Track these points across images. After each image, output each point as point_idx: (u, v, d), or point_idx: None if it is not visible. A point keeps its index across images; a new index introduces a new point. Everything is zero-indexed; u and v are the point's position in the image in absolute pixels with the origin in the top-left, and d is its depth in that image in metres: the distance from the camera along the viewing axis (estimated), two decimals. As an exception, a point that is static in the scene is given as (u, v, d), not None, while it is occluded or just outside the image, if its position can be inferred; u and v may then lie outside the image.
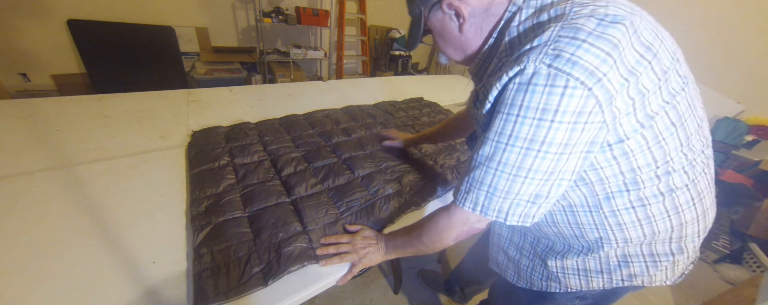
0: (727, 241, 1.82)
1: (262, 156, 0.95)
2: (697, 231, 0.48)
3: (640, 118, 0.38)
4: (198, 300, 0.51)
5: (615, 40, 0.35)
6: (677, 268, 0.51)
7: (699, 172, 0.45)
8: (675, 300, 1.58)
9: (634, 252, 0.49)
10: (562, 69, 0.35)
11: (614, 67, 0.35)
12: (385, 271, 1.51)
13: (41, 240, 0.60)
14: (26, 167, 0.79)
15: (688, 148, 0.43)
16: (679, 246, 0.48)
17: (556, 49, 0.36)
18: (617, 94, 0.36)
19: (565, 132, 0.37)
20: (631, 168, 0.42)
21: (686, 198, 0.45)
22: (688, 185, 0.44)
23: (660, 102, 0.39)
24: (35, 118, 1.01)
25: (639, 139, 0.39)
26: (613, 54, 0.35)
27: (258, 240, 0.64)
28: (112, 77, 2.51)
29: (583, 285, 0.54)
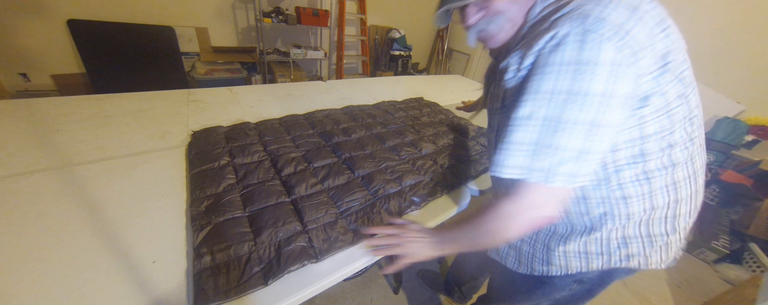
0: (727, 241, 1.82)
1: (262, 156, 0.95)
2: (689, 210, 0.51)
3: (660, 82, 0.41)
4: (198, 299, 0.51)
5: (635, 4, 0.39)
6: (671, 250, 0.53)
7: (696, 149, 0.48)
8: (675, 300, 1.58)
9: (633, 232, 0.51)
10: (592, 27, 0.38)
11: (639, 24, 0.39)
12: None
13: (41, 240, 0.60)
14: (26, 167, 0.79)
15: (690, 122, 0.45)
16: (673, 225, 0.51)
17: (582, 12, 0.39)
18: (642, 52, 0.39)
19: (603, 81, 0.38)
20: (642, 136, 0.44)
21: (684, 174, 0.48)
22: (687, 161, 0.47)
23: (674, 71, 0.42)
24: (35, 118, 1.01)
25: (655, 102, 0.42)
26: (634, 14, 0.39)
27: (258, 239, 0.64)
28: (112, 77, 2.51)
29: (584, 267, 0.55)
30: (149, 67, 2.65)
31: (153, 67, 2.67)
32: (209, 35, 3.00)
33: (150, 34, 2.60)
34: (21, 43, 2.24)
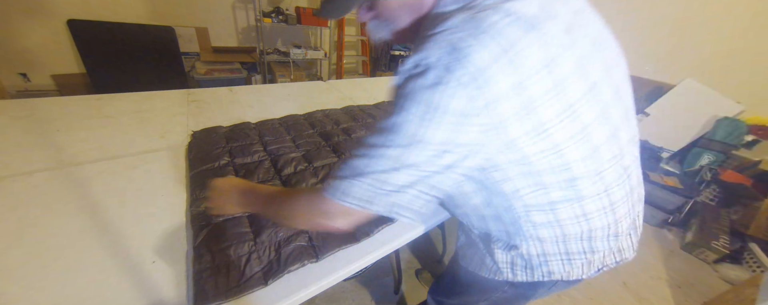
0: (727, 241, 1.82)
1: (262, 156, 0.95)
2: (606, 235, 0.49)
3: (532, 126, 0.37)
4: (198, 299, 0.51)
5: (512, 40, 0.34)
6: (593, 265, 0.53)
7: (613, 182, 0.44)
8: (675, 300, 1.58)
9: (551, 250, 0.50)
10: (451, 65, 0.34)
11: (505, 68, 0.34)
12: (385, 271, 1.51)
13: (41, 240, 0.60)
14: (26, 167, 0.79)
15: (596, 160, 0.41)
16: (591, 246, 0.50)
17: (452, 41, 0.34)
18: (503, 97, 0.34)
19: (446, 131, 0.36)
20: (534, 172, 0.41)
21: (596, 206, 0.45)
22: (599, 194, 0.44)
23: (555, 111, 0.37)
24: (35, 118, 1.01)
25: (535, 146, 0.38)
26: (506, 55, 0.33)
27: (258, 239, 0.64)
28: (112, 77, 2.51)
29: (510, 277, 0.56)
30: (149, 67, 2.65)
31: (153, 67, 2.67)
32: (209, 35, 3.01)
33: (150, 34, 2.60)
34: (21, 43, 2.24)
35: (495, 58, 0.33)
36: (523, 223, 0.48)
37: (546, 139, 0.38)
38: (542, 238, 0.49)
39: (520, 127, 0.37)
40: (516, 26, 0.34)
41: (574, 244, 0.49)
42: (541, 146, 0.39)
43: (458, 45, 0.34)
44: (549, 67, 0.35)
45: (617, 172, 0.44)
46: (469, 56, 0.33)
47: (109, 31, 2.42)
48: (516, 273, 0.56)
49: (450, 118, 0.35)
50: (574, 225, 0.46)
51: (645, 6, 2.61)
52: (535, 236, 0.49)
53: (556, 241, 0.49)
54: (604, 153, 0.42)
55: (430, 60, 0.35)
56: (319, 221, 0.46)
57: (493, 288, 0.62)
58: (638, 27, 2.69)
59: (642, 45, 2.70)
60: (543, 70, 0.35)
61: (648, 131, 2.59)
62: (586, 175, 0.42)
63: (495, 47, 0.33)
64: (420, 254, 1.65)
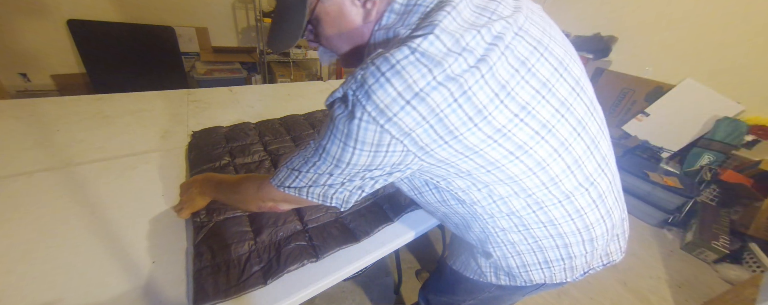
0: (727, 241, 1.82)
1: (263, 155, 0.95)
2: (580, 241, 0.49)
3: (460, 149, 0.38)
4: (198, 297, 0.51)
5: (415, 78, 0.34)
6: (576, 270, 0.53)
7: (571, 189, 0.44)
8: (675, 300, 1.58)
9: (530, 260, 0.52)
10: (360, 100, 0.35)
11: (407, 107, 0.34)
12: (385, 271, 1.51)
13: (41, 239, 0.60)
14: (26, 167, 0.79)
15: (543, 171, 0.42)
16: (568, 252, 0.50)
17: (363, 76, 0.35)
18: (415, 131, 0.36)
19: (367, 157, 0.39)
20: (484, 184, 0.43)
21: (561, 213, 0.46)
22: (561, 201, 0.45)
23: (482, 136, 0.37)
24: (35, 118, 1.01)
25: (471, 164, 0.40)
26: (405, 94, 0.34)
27: (258, 239, 0.65)
28: (112, 77, 2.51)
29: (493, 279, 0.58)
30: (149, 67, 2.65)
31: (153, 67, 2.67)
32: (209, 35, 3.01)
33: (150, 34, 2.60)
34: (21, 43, 2.24)
35: (395, 98, 0.34)
36: (491, 229, 0.50)
37: (480, 158, 0.39)
38: (515, 243, 0.50)
39: (446, 149, 0.38)
40: (420, 65, 0.34)
41: (551, 252, 0.50)
42: (479, 162, 0.40)
43: (367, 81, 0.35)
44: (463, 98, 0.35)
45: (577, 180, 0.44)
46: (374, 94, 0.35)
47: (109, 31, 2.42)
48: (499, 277, 0.57)
49: (366, 147, 0.38)
50: (541, 229, 0.47)
51: (645, 6, 2.61)
52: (507, 241, 0.50)
53: (532, 250, 0.50)
54: (552, 165, 0.42)
55: (347, 92, 0.37)
56: (267, 204, 0.54)
57: (479, 289, 0.63)
58: (638, 27, 2.69)
59: (642, 45, 2.70)
60: (457, 102, 0.35)
61: (648, 131, 2.59)
62: (537, 189, 0.43)
63: (398, 85, 0.34)
64: (420, 254, 1.65)
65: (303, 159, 0.46)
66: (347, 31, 0.46)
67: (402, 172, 0.44)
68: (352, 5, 0.44)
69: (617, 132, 2.75)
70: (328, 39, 0.49)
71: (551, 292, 1.52)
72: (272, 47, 0.50)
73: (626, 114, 2.77)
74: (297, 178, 0.47)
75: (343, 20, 0.46)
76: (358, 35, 0.47)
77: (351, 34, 0.47)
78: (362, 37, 0.47)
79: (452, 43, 0.35)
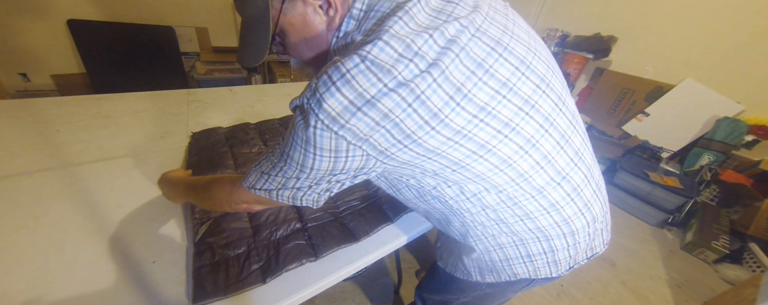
0: (727, 241, 1.82)
1: (263, 149, 0.95)
2: (561, 234, 0.49)
3: (420, 152, 0.39)
4: (197, 295, 0.52)
5: (365, 87, 0.34)
6: (560, 264, 0.53)
7: (542, 183, 0.44)
8: (675, 300, 1.58)
9: (513, 254, 0.52)
10: (313, 108, 0.36)
11: (359, 114, 0.35)
12: (385, 271, 1.51)
13: (41, 239, 0.60)
14: (26, 167, 0.79)
15: (509, 167, 0.42)
16: (550, 245, 0.50)
17: (316, 86, 0.36)
18: (371, 136, 0.37)
19: (328, 162, 0.40)
20: (453, 182, 0.44)
21: (536, 207, 0.46)
22: (534, 196, 0.45)
23: (441, 138, 0.37)
24: (35, 118, 1.01)
25: (435, 163, 0.41)
26: (356, 102, 0.34)
27: (257, 237, 0.65)
28: (112, 77, 2.51)
29: (479, 278, 0.58)
30: (149, 67, 2.66)
31: (153, 67, 2.67)
32: (209, 35, 3.01)
33: (150, 34, 2.60)
34: (21, 43, 2.24)
35: (346, 106, 0.35)
36: (471, 224, 0.50)
37: (443, 159, 0.40)
38: (495, 236, 0.50)
39: (407, 152, 0.39)
40: (369, 73, 0.34)
41: (533, 245, 0.50)
42: (443, 162, 0.40)
43: (319, 90, 0.36)
44: (419, 100, 0.35)
45: (548, 175, 0.44)
46: (325, 102, 0.35)
47: (109, 31, 2.42)
48: (484, 276, 0.58)
49: (325, 153, 0.39)
50: (519, 223, 0.48)
51: (645, 6, 2.61)
52: (488, 234, 0.50)
53: (514, 244, 0.51)
54: (519, 161, 0.42)
55: (303, 100, 0.38)
56: (241, 206, 0.54)
57: (470, 288, 0.64)
58: (638, 27, 2.69)
59: (642, 45, 2.70)
60: (408, 108, 0.35)
61: (648, 131, 2.59)
62: (507, 182, 0.43)
63: (348, 93, 0.34)
64: (420, 254, 1.65)
65: (271, 163, 0.46)
66: (313, 38, 0.47)
67: (367, 175, 0.45)
68: (315, 14, 0.44)
69: (617, 132, 2.75)
70: (295, 49, 0.49)
71: (551, 292, 1.52)
72: (243, 63, 0.50)
73: (626, 114, 2.77)
74: (267, 181, 0.47)
75: (307, 29, 0.46)
76: (323, 43, 0.47)
77: (317, 42, 0.47)
78: (325, 42, 0.47)
79: (403, 49, 0.35)
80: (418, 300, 0.88)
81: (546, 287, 1.54)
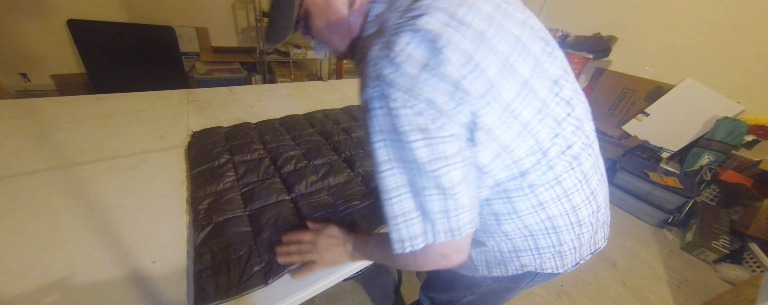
0: (727, 241, 1.82)
1: (262, 154, 0.95)
2: (569, 223, 0.50)
3: (481, 133, 0.39)
4: (198, 298, 0.51)
5: (424, 59, 0.35)
6: (565, 258, 0.54)
7: (563, 172, 0.45)
8: (675, 300, 1.58)
9: (522, 246, 0.52)
10: (385, 91, 0.36)
11: (430, 81, 0.35)
12: (385, 271, 1.51)
13: (41, 239, 0.60)
14: (26, 167, 0.79)
15: (541, 152, 0.43)
16: (558, 238, 0.51)
17: (377, 69, 0.37)
18: (446, 106, 0.36)
19: (424, 149, 0.37)
20: (489, 168, 0.43)
21: (550, 196, 0.46)
22: (551, 183, 0.45)
23: (498, 112, 0.38)
24: (35, 118, 1.01)
25: (486, 146, 0.40)
26: (422, 75, 0.35)
27: (258, 238, 0.64)
28: (112, 77, 2.51)
29: (486, 272, 0.59)
30: (149, 67, 2.66)
31: (153, 67, 2.67)
32: (209, 35, 3.01)
33: (150, 34, 2.60)
34: (21, 43, 2.24)
35: (415, 77, 0.35)
36: (487, 217, 0.50)
37: (496, 142, 0.40)
38: (508, 233, 0.51)
39: (476, 134, 0.39)
40: (425, 43, 0.36)
41: (542, 239, 0.51)
42: (495, 149, 0.41)
43: (382, 73, 0.36)
44: (473, 71, 0.37)
45: (565, 162, 0.46)
46: (394, 81, 0.36)
47: (109, 31, 2.42)
48: (491, 269, 0.58)
49: (416, 136, 0.37)
50: (533, 215, 0.48)
51: (645, 6, 2.61)
52: (500, 231, 0.51)
53: (523, 237, 0.51)
54: (548, 145, 0.43)
55: (372, 93, 0.38)
56: (440, 263, 0.44)
57: (476, 284, 0.65)
58: (638, 27, 2.69)
59: (642, 45, 2.70)
60: (469, 74, 0.36)
61: (648, 131, 2.59)
62: (534, 168, 0.44)
63: (412, 69, 0.35)
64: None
65: (386, 197, 0.41)
66: (335, 20, 0.48)
67: (467, 167, 0.40)
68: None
69: (617, 132, 2.75)
70: (318, 31, 0.51)
71: (551, 292, 1.52)
72: (269, 41, 0.52)
73: (626, 114, 2.77)
74: (397, 223, 0.41)
75: (330, 11, 0.47)
76: (345, 25, 0.48)
77: (339, 24, 0.48)
78: (350, 27, 0.48)
79: (448, 19, 0.37)
80: (424, 299, 0.88)
81: (546, 287, 1.54)
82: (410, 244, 0.41)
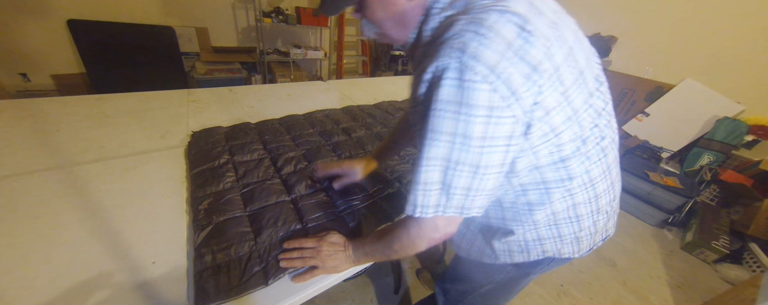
0: (727, 241, 1.82)
1: (262, 154, 0.95)
2: (589, 211, 0.53)
3: (540, 113, 0.40)
4: (199, 299, 0.51)
5: (513, 35, 0.37)
6: (582, 243, 0.57)
7: (594, 162, 0.49)
8: (675, 300, 1.58)
9: (546, 234, 0.55)
10: (468, 63, 0.36)
11: (514, 60, 0.37)
12: (385, 271, 1.51)
13: (41, 240, 0.60)
14: (26, 167, 0.79)
15: (582, 141, 0.46)
16: (578, 224, 0.54)
17: (461, 42, 0.37)
18: (520, 88, 0.38)
19: (481, 125, 0.38)
20: (536, 156, 0.45)
21: (579, 183, 0.49)
22: (582, 174, 0.48)
23: (556, 97, 0.41)
24: (35, 118, 1.01)
25: (540, 130, 0.42)
26: (510, 49, 0.37)
27: (258, 239, 0.65)
28: (112, 77, 2.51)
29: (509, 260, 0.61)
30: (149, 67, 2.66)
31: (153, 67, 2.67)
32: (209, 35, 3.01)
33: (150, 34, 2.60)
34: (21, 43, 2.24)
35: (502, 54, 0.36)
36: (521, 205, 0.52)
37: (548, 123, 0.42)
38: (537, 222, 0.53)
39: (537, 114, 0.40)
40: (513, 24, 0.37)
41: (565, 226, 0.54)
42: (544, 129, 0.42)
43: (469, 46, 0.37)
44: (548, 57, 0.39)
45: (597, 152, 0.49)
46: (480, 55, 0.36)
47: (109, 31, 2.42)
48: (513, 256, 0.60)
49: (480, 112, 0.37)
50: (561, 202, 0.51)
51: (645, 6, 2.61)
52: (531, 220, 0.53)
53: (548, 225, 0.54)
54: (588, 134, 0.46)
55: (450, 63, 0.38)
56: (433, 237, 0.50)
57: (496, 271, 0.66)
58: (638, 27, 2.69)
59: (642, 45, 2.70)
60: (545, 59, 0.38)
61: (648, 131, 2.59)
62: (574, 155, 0.46)
63: (502, 43, 0.36)
64: (420, 254, 1.65)
65: (419, 167, 0.43)
66: (393, 8, 0.49)
67: (509, 152, 0.42)
68: None
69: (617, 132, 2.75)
70: (373, 13, 0.51)
71: (551, 292, 1.52)
72: (323, 11, 0.52)
73: (626, 114, 2.77)
74: (424, 192, 0.44)
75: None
76: (401, 13, 0.49)
77: (396, 12, 0.49)
78: (404, 13, 0.49)
79: (529, 5, 0.40)
80: (440, 292, 0.89)
81: (546, 287, 1.54)
82: (421, 211, 0.45)
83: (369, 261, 0.62)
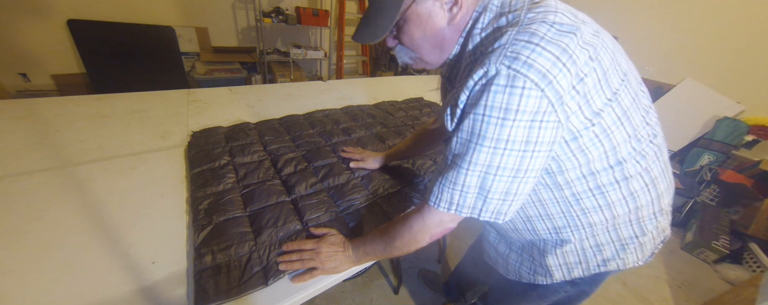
0: (727, 241, 1.82)
1: (262, 155, 0.95)
2: (653, 213, 0.52)
3: (588, 116, 0.42)
4: (199, 299, 0.51)
5: (563, 44, 0.39)
6: (645, 249, 0.56)
7: (651, 161, 0.49)
8: (675, 300, 1.58)
9: (604, 239, 0.54)
10: (520, 70, 0.37)
11: (564, 69, 0.38)
12: (385, 271, 1.51)
13: (41, 240, 0.60)
14: (26, 167, 0.79)
15: (636, 140, 0.46)
16: (641, 227, 0.53)
17: (513, 51, 0.39)
18: (566, 95, 0.39)
19: (525, 130, 0.39)
20: (588, 160, 0.45)
21: (640, 184, 0.49)
22: (641, 173, 0.48)
23: (604, 99, 0.42)
24: (35, 118, 1.01)
25: (590, 134, 0.43)
26: (562, 58, 0.38)
27: (258, 239, 0.64)
28: (112, 77, 2.51)
29: (566, 276, 0.59)
30: (149, 67, 2.65)
31: (153, 67, 2.67)
32: (209, 35, 3.01)
33: (150, 34, 2.60)
34: (21, 43, 2.24)
35: (554, 62, 0.38)
36: (574, 212, 0.51)
37: (598, 124, 0.42)
38: (593, 225, 0.52)
39: (581, 118, 0.42)
40: (562, 34, 0.39)
41: (625, 229, 0.53)
42: (596, 131, 0.43)
43: (522, 53, 0.38)
44: (595, 61, 0.40)
45: (653, 150, 0.49)
46: (534, 62, 0.37)
47: (109, 31, 2.42)
48: (571, 271, 0.58)
49: (525, 117, 0.39)
50: (622, 205, 0.50)
51: (645, 6, 2.61)
52: (586, 223, 0.52)
53: (606, 230, 0.53)
54: (641, 133, 0.47)
55: (501, 69, 0.39)
56: (436, 232, 0.52)
57: (553, 291, 0.64)
58: (638, 27, 2.69)
59: (642, 45, 2.70)
60: (593, 63, 0.40)
61: (648, 131, 2.59)
62: (630, 156, 0.46)
63: (554, 51, 0.38)
64: (420, 254, 1.65)
65: (454, 164, 0.44)
66: (432, 32, 0.50)
67: (548, 156, 0.43)
68: (441, 9, 0.48)
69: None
70: (411, 38, 0.52)
71: (551, 292, 1.52)
72: (359, 39, 0.52)
73: (626, 114, 2.77)
74: (461, 193, 0.45)
75: (430, 22, 0.49)
76: (440, 37, 0.51)
77: (435, 36, 0.50)
78: (443, 39, 0.51)
79: (573, 17, 0.42)
80: None
81: (546, 287, 1.54)
82: (456, 208, 0.46)
83: (370, 260, 0.62)
